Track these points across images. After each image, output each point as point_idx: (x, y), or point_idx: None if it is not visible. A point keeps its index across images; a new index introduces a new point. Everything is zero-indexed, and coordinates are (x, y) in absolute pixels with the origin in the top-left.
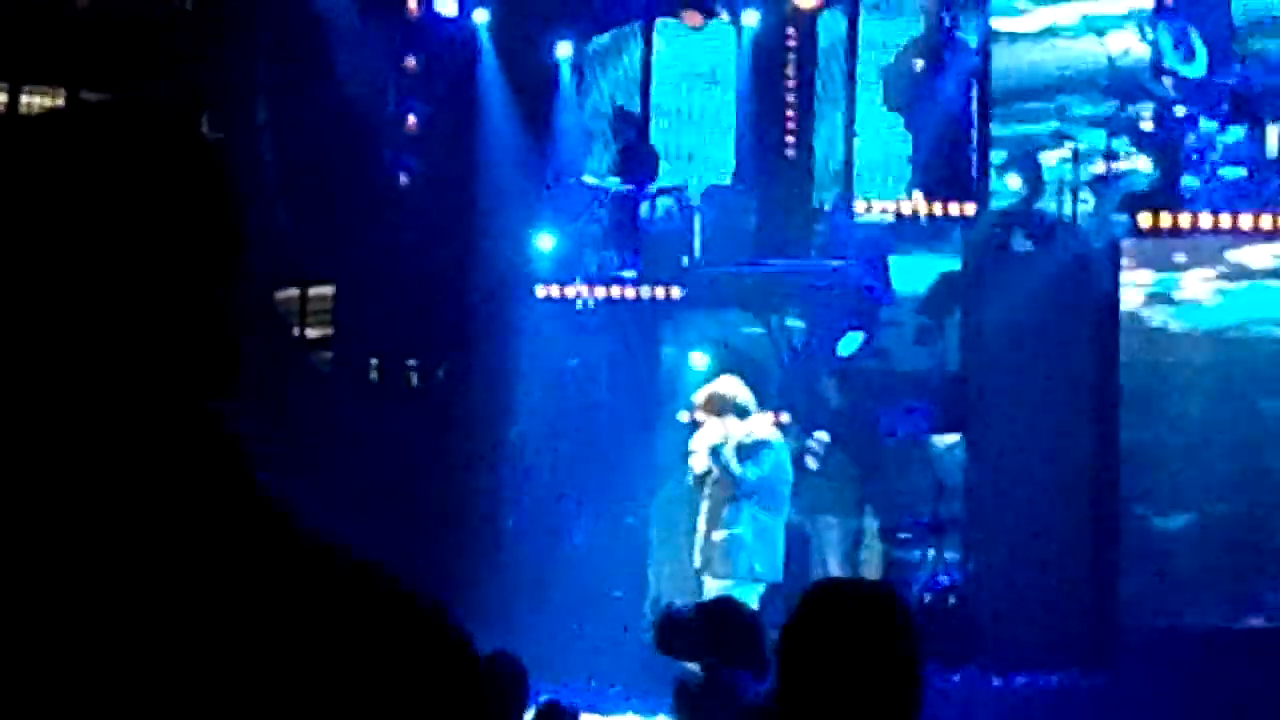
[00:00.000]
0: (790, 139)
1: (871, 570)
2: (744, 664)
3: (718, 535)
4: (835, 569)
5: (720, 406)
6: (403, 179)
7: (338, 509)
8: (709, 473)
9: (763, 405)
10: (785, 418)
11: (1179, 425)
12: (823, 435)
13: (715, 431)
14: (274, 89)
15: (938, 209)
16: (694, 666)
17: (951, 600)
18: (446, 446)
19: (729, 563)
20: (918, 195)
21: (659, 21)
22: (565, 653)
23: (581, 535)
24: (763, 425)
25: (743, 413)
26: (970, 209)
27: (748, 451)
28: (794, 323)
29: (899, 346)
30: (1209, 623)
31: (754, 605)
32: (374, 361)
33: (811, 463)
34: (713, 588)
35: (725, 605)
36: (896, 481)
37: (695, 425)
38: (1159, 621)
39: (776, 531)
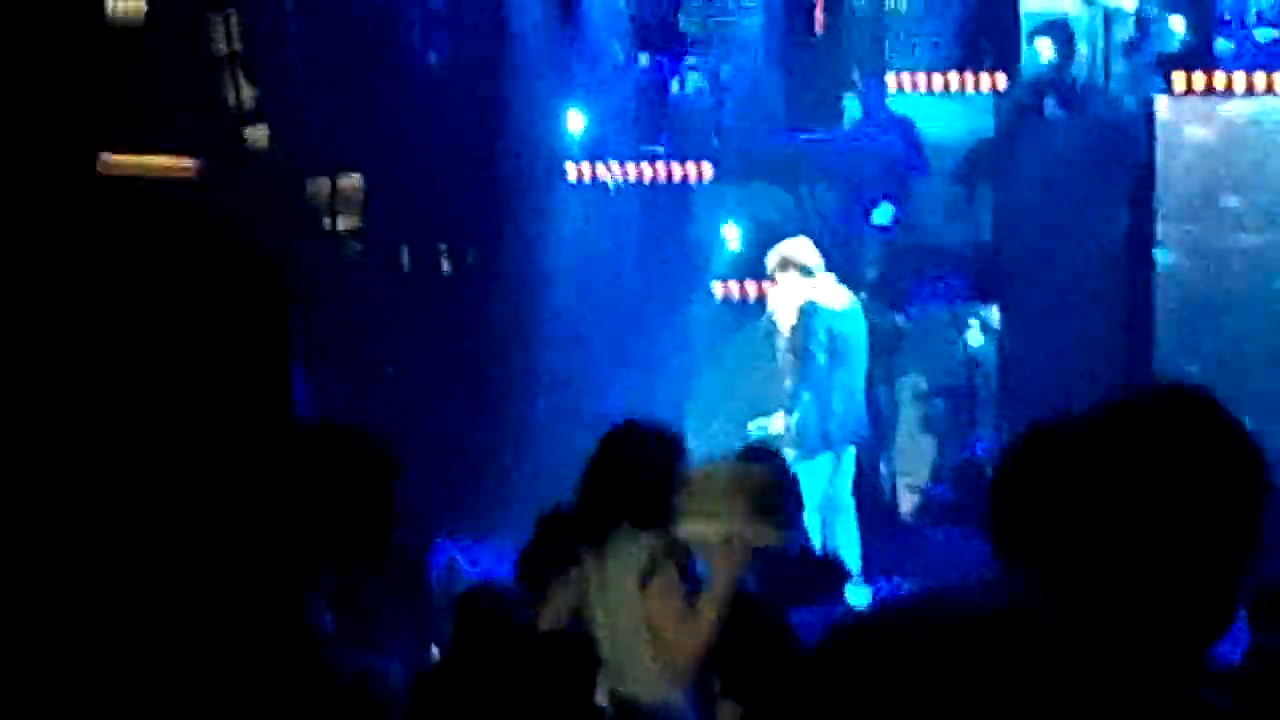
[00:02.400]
0: (820, 14)
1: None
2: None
3: (806, 397)
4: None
5: (793, 264)
6: (431, 58)
7: (373, 396)
8: (795, 331)
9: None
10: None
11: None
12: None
13: (797, 289)
14: None
15: (969, 80)
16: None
17: (987, 470)
18: (478, 331)
19: (822, 429)
20: (950, 69)
21: None
22: None
23: (612, 417)
24: (834, 288)
25: (808, 273)
26: (1002, 79)
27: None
28: (825, 195)
29: (931, 218)
30: None
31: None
32: (405, 249)
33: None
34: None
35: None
36: (930, 351)
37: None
38: None
39: (860, 391)
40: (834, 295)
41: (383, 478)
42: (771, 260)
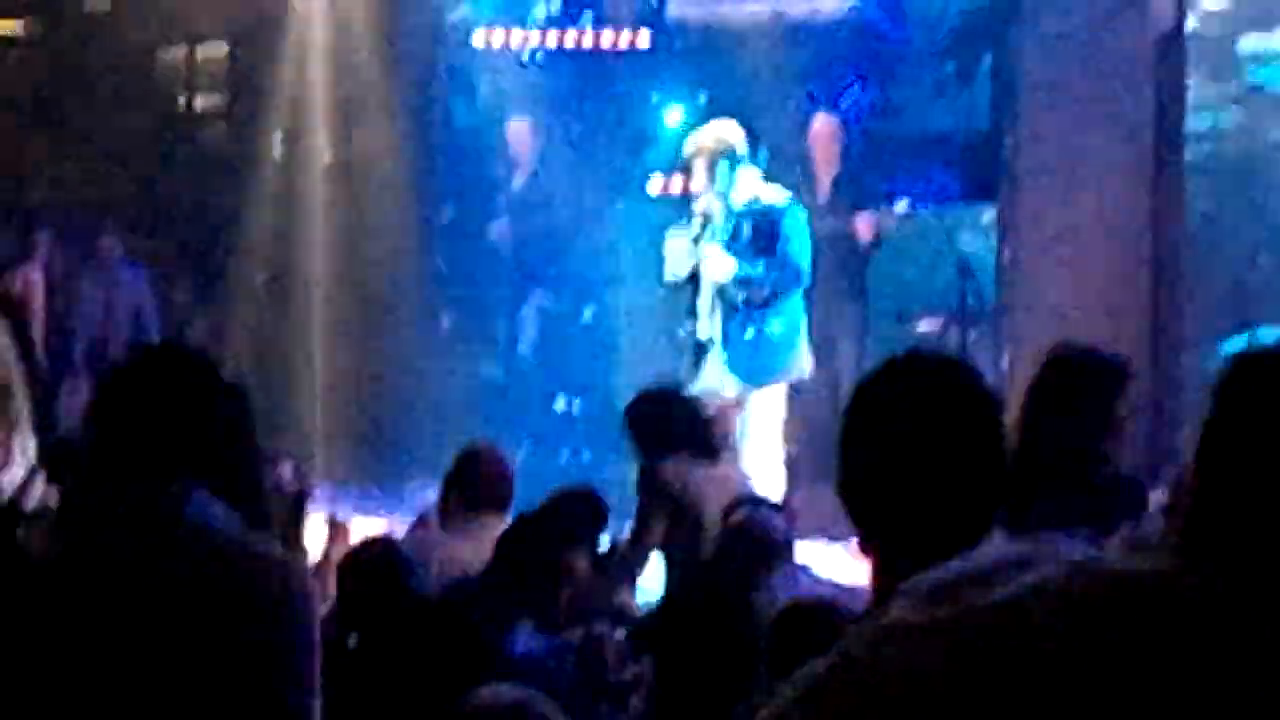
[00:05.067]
0: None
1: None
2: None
3: (749, 332)
4: (848, 359)
5: (719, 152)
6: None
7: (231, 316)
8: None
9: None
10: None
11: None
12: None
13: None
14: None
15: None
16: None
17: None
18: (364, 233)
19: (770, 363)
20: None
21: None
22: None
23: (529, 341)
24: (761, 185)
25: (735, 158)
26: None
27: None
28: (788, 72)
29: (916, 101)
30: None
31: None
32: (277, 135)
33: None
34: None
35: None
36: (913, 261)
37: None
38: None
39: (801, 318)
40: (765, 192)
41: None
42: (688, 148)
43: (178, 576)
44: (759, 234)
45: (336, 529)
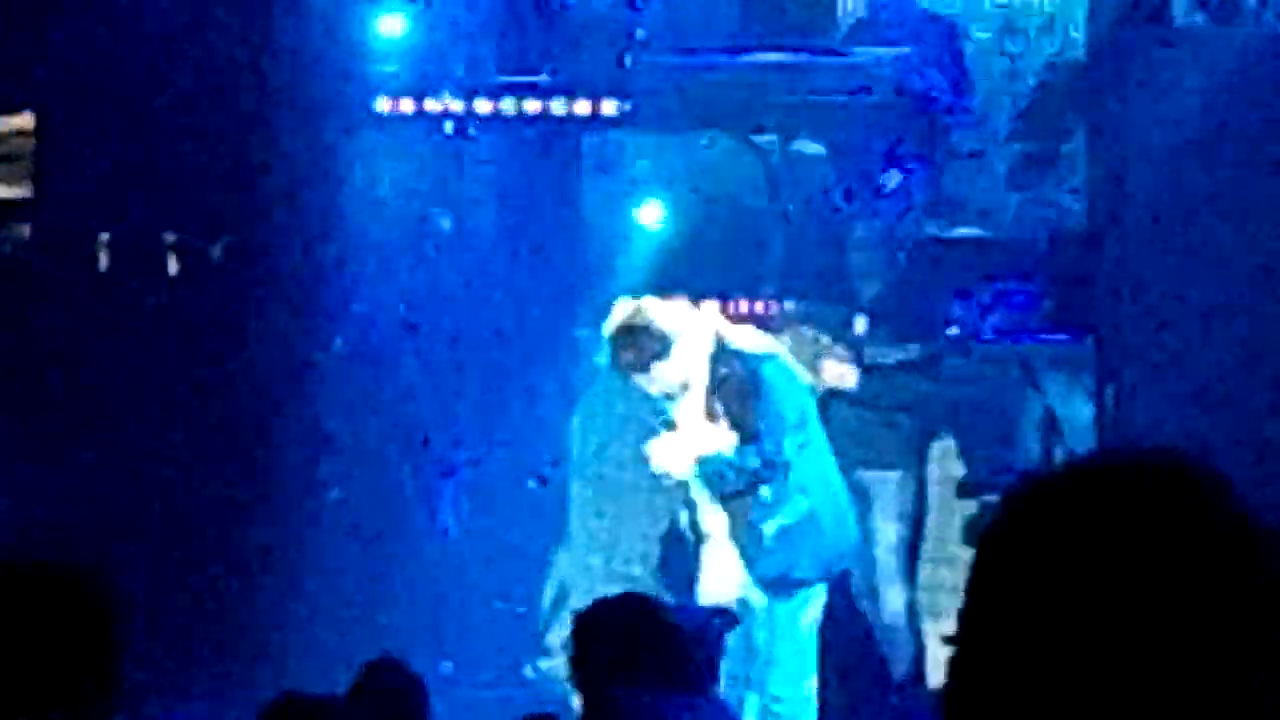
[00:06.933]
0: None
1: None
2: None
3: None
4: (892, 544)
5: (640, 350)
6: None
7: (59, 480)
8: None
9: (754, 291)
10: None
11: None
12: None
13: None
14: None
15: None
16: None
17: None
18: (226, 369)
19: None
20: None
21: None
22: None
23: (454, 513)
24: (750, 337)
25: (666, 348)
26: None
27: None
28: (807, 150)
29: (984, 191)
30: None
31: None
32: (103, 238)
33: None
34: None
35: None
36: (982, 413)
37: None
38: None
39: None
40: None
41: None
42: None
43: None
44: (730, 402)
45: None
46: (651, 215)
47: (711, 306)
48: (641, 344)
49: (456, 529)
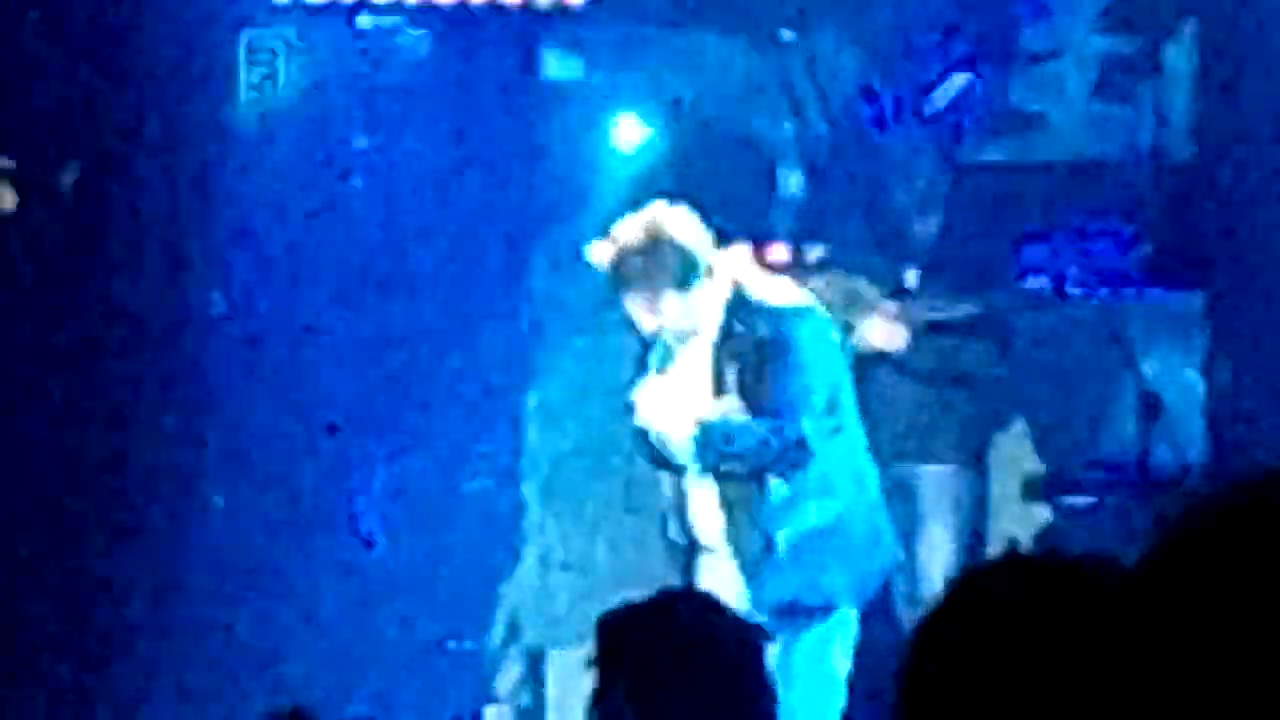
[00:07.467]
0: None
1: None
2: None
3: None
4: (945, 559)
5: (659, 266)
6: None
7: None
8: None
9: (768, 235)
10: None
11: None
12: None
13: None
14: None
15: None
16: None
17: None
18: (70, 335)
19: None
20: None
21: None
22: None
23: (377, 521)
24: (779, 289)
25: (688, 277)
26: None
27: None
28: (827, 50)
29: (1062, 107)
30: None
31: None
32: None
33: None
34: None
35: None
36: (1061, 390)
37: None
38: None
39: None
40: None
41: None
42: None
43: None
44: (745, 367)
45: None
46: (628, 136)
47: (742, 250)
48: (664, 259)
49: (381, 542)
